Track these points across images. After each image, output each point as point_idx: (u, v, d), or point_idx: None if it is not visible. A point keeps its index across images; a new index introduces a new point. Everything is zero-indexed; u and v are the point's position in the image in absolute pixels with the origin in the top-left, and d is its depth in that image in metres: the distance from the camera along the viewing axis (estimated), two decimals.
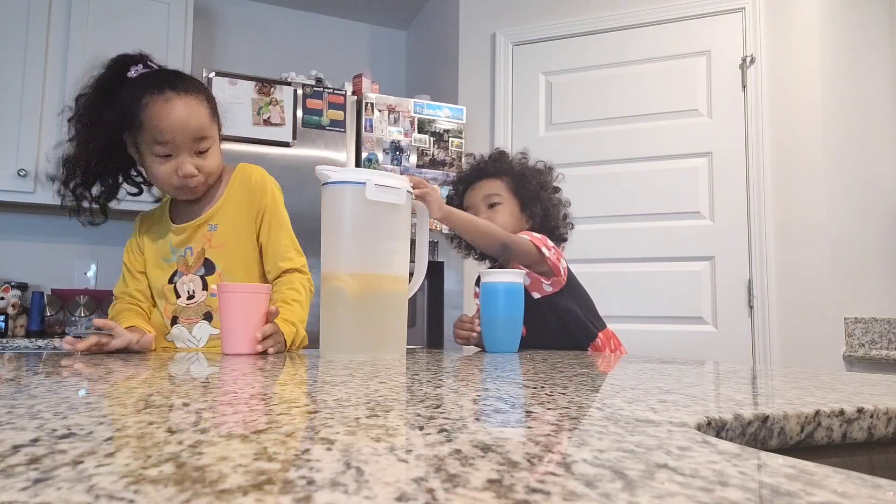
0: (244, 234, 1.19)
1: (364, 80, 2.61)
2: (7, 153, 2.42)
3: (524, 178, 1.44)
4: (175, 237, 1.18)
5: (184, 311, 1.17)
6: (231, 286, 1.02)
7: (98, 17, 2.57)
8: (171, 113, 1.06)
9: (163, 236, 1.20)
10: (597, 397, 0.52)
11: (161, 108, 1.06)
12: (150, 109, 1.05)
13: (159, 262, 1.20)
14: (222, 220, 1.18)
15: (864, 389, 0.61)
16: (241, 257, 1.19)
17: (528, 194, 1.43)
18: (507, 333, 1.19)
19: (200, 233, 1.18)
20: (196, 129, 1.08)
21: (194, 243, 1.18)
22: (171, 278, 1.18)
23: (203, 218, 1.18)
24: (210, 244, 1.18)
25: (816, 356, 2.27)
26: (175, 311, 1.17)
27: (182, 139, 1.07)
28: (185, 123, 1.07)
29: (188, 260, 1.18)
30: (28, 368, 0.71)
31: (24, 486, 0.23)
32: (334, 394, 0.51)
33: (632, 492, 0.24)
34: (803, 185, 2.34)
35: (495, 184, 1.45)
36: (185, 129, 1.07)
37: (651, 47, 2.58)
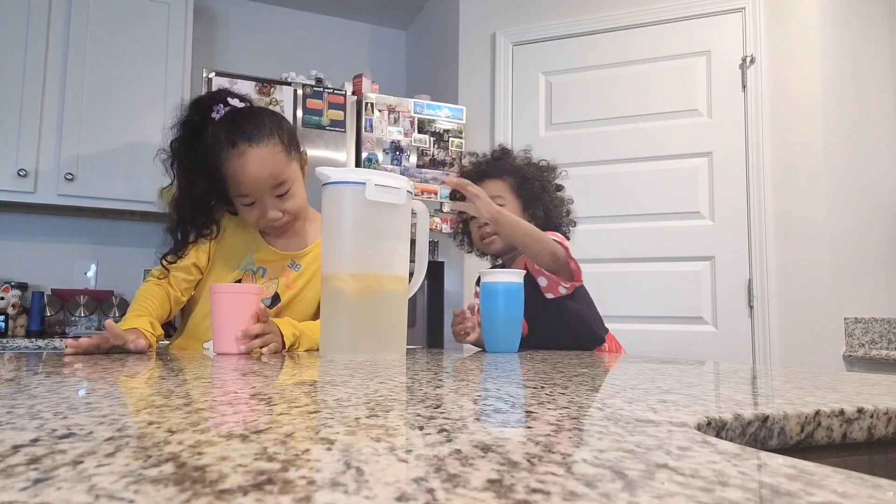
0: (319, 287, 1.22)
1: (364, 80, 2.61)
2: (7, 153, 2.42)
3: (526, 179, 1.43)
4: (259, 252, 1.22)
5: None
6: (222, 287, 1.04)
7: (98, 18, 2.57)
8: (246, 167, 1.10)
9: (247, 241, 1.22)
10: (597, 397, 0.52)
11: (237, 164, 1.10)
12: (229, 165, 1.11)
13: (229, 262, 1.21)
14: (307, 264, 1.24)
15: (864, 389, 0.61)
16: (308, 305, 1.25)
17: (530, 195, 1.42)
18: (508, 333, 1.19)
19: (281, 263, 1.23)
20: (272, 178, 1.12)
21: (271, 268, 1.22)
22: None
23: (291, 253, 1.24)
24: (287, 281, 1.23)
25: (816, 356, 2.27)
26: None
27: (260, 189, 1.12)
28: (259, 176, 1.11)
29: (257, 280, 1.21)
30: (28, 368, 0.71)
31: (24, 486, 0.23)
32: (334, 394, 0.51)
33: (632, 492, 0.24)
34: (803, 185, 2.34)
35: (497, 184, 1.44)
36: (260, 180, 1.11)
37: (651, 47, 2.58)
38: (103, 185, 2.53)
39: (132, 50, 2.61)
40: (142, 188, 2.55)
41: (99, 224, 2.81)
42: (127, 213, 2.72)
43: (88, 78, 2.54)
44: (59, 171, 2.47)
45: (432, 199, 2.56)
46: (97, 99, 2.55)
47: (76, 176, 2.48)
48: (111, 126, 2.57)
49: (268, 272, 1.22)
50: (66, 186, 2.47)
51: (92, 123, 2.53)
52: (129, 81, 2.61)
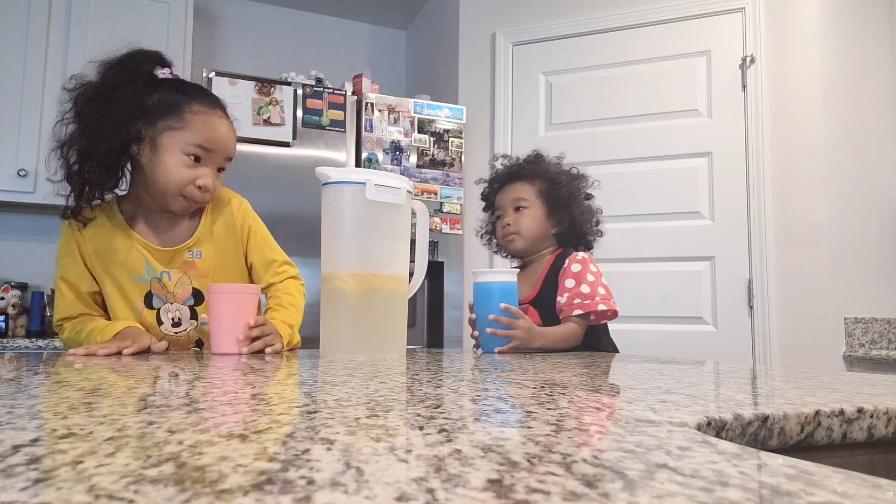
0: (232, 259, 1.19)
1: (364, 80, 2.61)
2: (7, 153, 2.42)
3: (555, 185, 1.42)
4: (151, 254, 1.12)
5: (174, 339, 1.14)
6: (221, 287, 1.03)
7: (98, 17, 2.57)
8: (220, 128, 1.11)
9: (126, 249, 1.11)
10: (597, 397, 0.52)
11: (212, 120, 1.10)
12: (202, 117, 1.08)
13: (126, 278, 1.11)
14: (207, 247, 1.16)
15: (864, 389, 0.61)
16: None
17: (556, 201, 1.41)
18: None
19: (180, 259, 1.14)
20: (231, 149, 1.13)
21: (172, 268, 1.13)
22: (147, 300, 1.12)
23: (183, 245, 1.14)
24: (197, 272, 1.14)
25: (816, 356, 2.27)
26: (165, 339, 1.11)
27: (218, 155, 1.11)
28: (227, 142, 1.12)
29: (167, 285, 1.13)
30: (28, 368, 0.71)
31: (24, 486, 0.23)
32: (334, 394, 0.51)
33: (632, 492, 0.24)
34: (803, 185, 2.34)
35: (525, 187, 1.43)
36: (227, 147, 1.12)
37: (651, 47, 2.58)
38: None
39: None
40: None
41: None
42: None
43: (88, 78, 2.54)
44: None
45: (432, 199, 2.56)
46: None
47: None
48: None
49: (173, 273, 1.13)
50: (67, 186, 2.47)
51: None
52: None
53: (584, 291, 1.30)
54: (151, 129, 1.06)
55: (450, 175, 2.60)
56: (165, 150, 1.06)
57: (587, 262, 1.35)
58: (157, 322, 1.13)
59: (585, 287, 1.30)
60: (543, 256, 1.43)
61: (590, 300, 1.29)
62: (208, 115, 1.09)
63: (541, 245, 1.43)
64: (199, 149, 1.08)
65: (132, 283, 1.12)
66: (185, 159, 1.07)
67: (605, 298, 1.30)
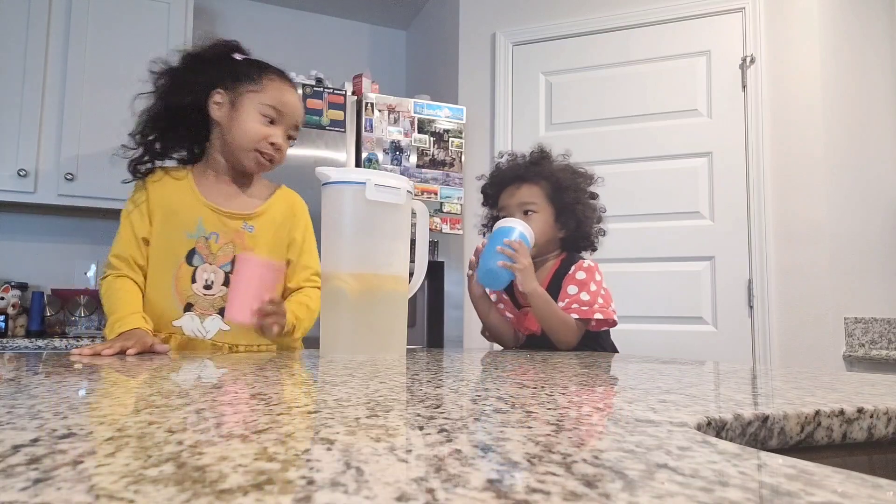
0: (276, 249, 1.24)
1: (364, 80, 2.61)
2: (7, 153, 2.42)
3: (562, 187, 1.39)
4: (208, 214, 1.19)
5: (201, 300, 1.17)
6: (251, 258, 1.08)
7: (98, 17, 2.57)
8: (291, 96, 1.23)
9: (190, 207, 1.19)
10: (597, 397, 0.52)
11: (285, 88, 1.22)
12: (277, 83, 1.21)
13: (178, 232, 1.18)
14: (260, 227, 1.22)
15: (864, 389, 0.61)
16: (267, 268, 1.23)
17: (564, 203, 1.39)
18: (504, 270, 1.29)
19: (233, 226, 1.20)
20: (300, 120, 1.25)
21: (222, 232, 1.19)
22: (189, 257, 1.17)
23: (242, 213, 1.22)
24: (243, 244, 1.20)
25: (816, 356, 2.27)
26: (191, 299, 1.17)
27: (290, 119, 1.21)
28: (297, 109, 1.23)
29: (212, 246, 1.18)
30: (28, 368, 0.71)
31: (24, 486, 0.23)
32: (334, 394, 0.51)
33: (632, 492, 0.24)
34: (803, 185, 2.34)
35: (532, 190, 1.40)
36: (296, 113, 1.22)
37: (651, 47, 2.58)
38: (103, 185, 2.52)
39: (132, 50, 2.61)
40: None
41: (99, 224, 2.81)
42: None
43: (88, 78, 2.54)
44: (59, 171, 2.47)
45: (432, 199, 2.56)
46: (97, 99, 2.55)
47: (76, 176, 2.48)
48: (111, 126, 2.56)
49: (220, 237, 1.19)
50: (66, 186, 2.47)
51: (92, 123, 2.53)
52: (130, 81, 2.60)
53: (583, 299, 1.31)
54: (232, 91, 1.19)
55: (450, 175, 2.60)
56: (243, 109, 1.18)
57: (593, 270, 1.35)
58: (192, 279, 1.17)
59: (585, 295, 1.31)
60: (547, 261, 1.42)
61: (587, 307, 1.30)
62: (282, 83, 1.22)
63: (547, 248, 1.41)
64: (273, 110, 1.18)
65: (181, 238, 1.18)
66: (260, 118, 1.18)
67: (603, 308, 1.31)
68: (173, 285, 1.17)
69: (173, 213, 1.18)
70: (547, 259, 1.42)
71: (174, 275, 1.17)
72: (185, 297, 1.16)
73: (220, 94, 1.19)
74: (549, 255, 1.43)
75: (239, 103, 1.18)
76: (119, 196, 2.53)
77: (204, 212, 1.19)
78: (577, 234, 1.41)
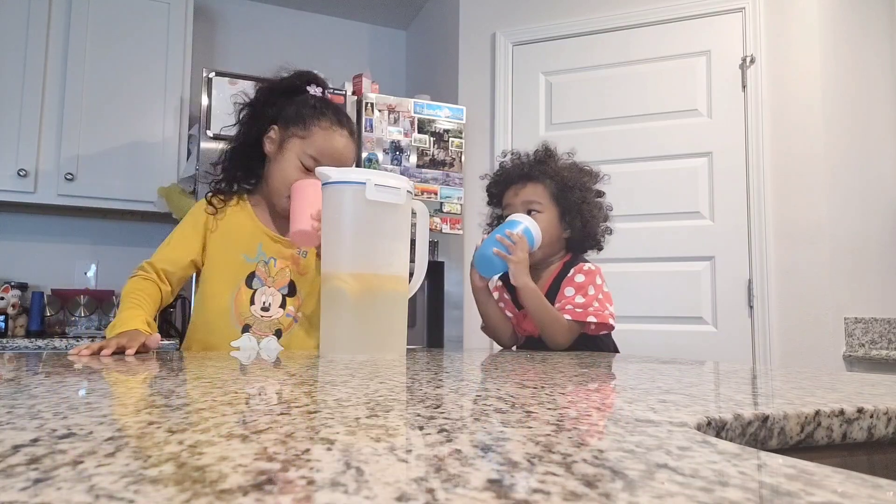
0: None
1: (364, 80, 2.61)
2: (7, 153, 2.42)
3: (567, 187, 1.37)
4: (267, 241, 1.23)
5: (258, 322, 1.20)
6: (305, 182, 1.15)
7: (98, 17, 2.57)
8: (338, 145, 1.22)
9: (250, 232, 1.24)
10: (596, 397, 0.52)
11: (334, 136, 1.22)
12: (326, 131, 1.21)
13: (238, 256, 1.22)
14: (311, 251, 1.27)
15: (864, 389, 0.61)
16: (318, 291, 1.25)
17: (569, 203, 1.37)
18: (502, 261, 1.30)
19: (289, 250, 1.25)
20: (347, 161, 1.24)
21: (279, 257, 1.24)
22: (248, 280, 1.21)
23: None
24: (298, 268, 1.25)
25: (816, 356, 2.27)
26: (249, 321, 1.20)
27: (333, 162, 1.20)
28: (341, 158, 1.22)
29: (271, 270, 1.23)
30: (28, 368, 0.71)
31: (24, 486, 0.23)
32: (334, 394, 0.51)
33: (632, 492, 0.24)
34: (803, 185, 2.34)
35: (537, 189, 1.38)
36: (339, 162, 1.21)
37: (651, 47, 2.58)
38: (103, 185, 2.53)
39: (132, 50, 2.61)
40: (142, 188, 2.55)
41: (99, 224, 2.81)
42: (127, 213, 2.72)
43: (88, 78, 2.54)
44: (59, 171, 2.47)
45: (432, 199, 2.56)
46: (97, 99, 2.55)
47: (76, 176, 2.48)
48: (111, 126, 2.57)
49: (278, 262, 1.24)
50: (66, 186, 2.47)
51: (92, 123, 2.53)
52: (129, 81, 2.61)
53: (578, 301, 1.30)
54: (284, 130, 1.22)
55: (450, 175, 2.60)
56: (287, 153, 1.21)
57: (593, 274, 1.34)
58: (250, 302, 1.21)
59: (581, 297, 1.30)
60: (551, 263, 1.41)
61: (581, 309, 1.29)
62: (331, 131, 1.22)
63: (552, 249, 1.39)
64: (312, 160, 1.19)
65: (241, 262, 1.22)
66: (299, 164, 1.20)
67: (599, 311, 1.29)
68: (232, 307, 1.20)
69: (233, 238, 1.23)
70: (551, 262, 1.41)
71: (233, 296, 1.20)
72: (243, 319, 1.20)
73: (274, 131, 1.23)
74: (553, 256, 1.41)
75: (285, 146, 1.22)
76: (119, 196, 2.56)
77: (263, 238, 1.24)
78: (582, 233, 1.39)
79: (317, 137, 1.21)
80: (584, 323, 1.30)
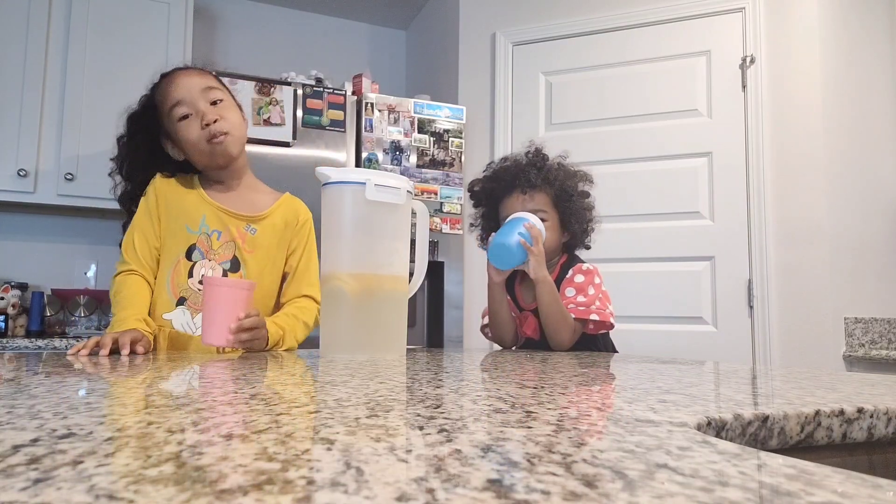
0: (276, 256, 1.25)
1: (364, 80, 2.61)
2: (7, 153, 2.42)
3: (566, 193, 1.37)
4: (212, 212, 1.20)
5: (194, 295, 1.17)
6: (218, 280, 1.06)
7: (98, 17, 2.57)
8: (175, 78, 1.20)
9: (193, 203, 1.21)
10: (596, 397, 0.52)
11: (167, 80, 1.21)
12: (159, 87, 1.20)
13: (181, 227, 1.20)
14: (262, 231, 1.23)
15: (864, 389, 0.61)
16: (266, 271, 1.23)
17: (569, 210, 1.37)
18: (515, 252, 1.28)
19: (235, 225, 1.21)
20: (201, 82, 1.20)
21: (224, 230, 1.20)
22: (188, 252, 1.19)
23: (246, 215, 1.22)
24: (244, 244, 1.21)
25: (816, 356, 2.27)
26: (185, 293, 1.17)
27: (191, 93, 1.18)
28: (190, 80, 1.19)
29: (213, 243, 1.20)
30: (28, 368, 0.71)
31: (24, 486, 0.23)
32: (334, 394, 0.51)
33: (632, 492, 0.24)
34: (803, 185, 2.34)
35: (541, 198, 1.37)
36: (191, 83, 1.19)
37: (651, 47, 2.58)
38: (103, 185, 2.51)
39: (132, 50, 2.61)
40: None
41: (99, 224, 2.81)
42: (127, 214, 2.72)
43: (88, 78, 2.54)
44: (59, 171, 2.47)
45: (432, 199, 2.56)
46: (97, 99, 2.55)
47: (76, 176, 2.48)
48: (111, 126, 2.55)
49: (222, 235, 1.20)
50: (66, 186, 2.47)
51: (92, 123, 2.53)
52: (130, 81, 2.60)
53: (580, 300, 1.31)
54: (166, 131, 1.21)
55: (450, 175, 2.60)
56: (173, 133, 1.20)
57: (592, 273, 1.35)
58: (188, 274, 1.18)
59: (582, 297, 1.32)
60: (551, 266, 1.40)
61: (584, 307, 1.30)
62: (162, 80, 1.21)
63: (554, 253, 1.40)
64: (175, 108, 1.17)
65: (183, 233, 1.19)
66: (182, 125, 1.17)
67: (600, 310, 1.30)
68: (169, 278, 1.18)
69: (178, 209, 1.20)
70: (550, 265, 1.41)
71: (172, 268, 1.18)
72: (179, 291, 1.17)
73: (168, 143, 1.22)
74: (552, 259, 1.41)
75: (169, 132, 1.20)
76: None
77: (208, 209, 1.20)
78: (579, 236, 1.41)
79: (161, 96, 1.19)
80: (585, 322, 1.31)
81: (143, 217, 1.21)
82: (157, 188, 1.22)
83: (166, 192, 1.22)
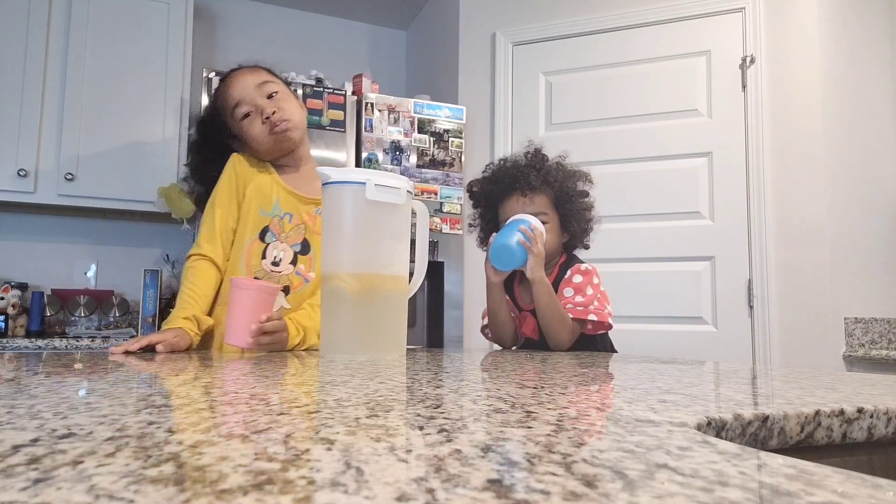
0: None
1: (364, 80, 2.61)
2: (7, 153, 2.42)
3: (566, 194, 1.37)
4: (285, 195, 1.25)
5: (267, 276, 1.20)
6: (243, 282, 1.07)
7: (98, 17, 2.57)
8: (231, 80, 1.27)
9: (267, 185, 1.25)
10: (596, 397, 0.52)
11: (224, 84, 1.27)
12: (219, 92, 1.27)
13: (255, 208, 1.23)
14: None
15: (864, 389, 0.61)
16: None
17: (569, 210, 1.37)
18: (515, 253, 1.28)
19: (305, 208, 1.26)
20: (255, 79, 1.25)
21: (295, 213, 1.25)
22: (262, 234, 1.22)
23: (313, 198, 1.25)
24: (314, 227, 1.25)
25: (816, 356, 2.27)
26: (258, 274, 1.20)
27: (248, 91, 1.23)
28: (244, 79, 1.26)
29: (285, 225, 1.23)
30: (28, 368, 0.71)
31: (24, 486, 0.23)
32: (334, 394, 0.51)
33: (632, 492, 0.24)
34: (803, 185, 2.34)
35: (541, 200, 1.37)
36: (245, 82, 1.25)
37: (651, 47, 2.58)
38: (103, 185, 2.52)
39: (132, 50, 2.61)
40: (142, 188, 2.55)
41: (99, 224, 2.81)
42: (127, 213, 2.72)
43: (88, 78, 2.54)
44: (59, 171, 2.47)
45: (432, 199, 2.56)
46: (97, 99, 2.55)
47: (76, 176, 2.48)
48: (111, 126, 2.57)
49: (294, 218, 1.24)
50: (66, 186, 2.47)
51: (92, 123, 2.53)
52: (129, 81, 2.61)
53: (578, 300, 1.31)
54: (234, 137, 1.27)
55: (450, 175, 2.60)
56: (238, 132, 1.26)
57: (591, 273, 1.34)
58: (262, 255, 1.21)
59: (581, 297, 1.31)
60: (550, 267, 1.40)
61: (582, 307, 1.30)
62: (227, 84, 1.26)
63: (553, 255, 1.39)
64: (235, 109, 1.23)
65: (257, 215, 1.23)
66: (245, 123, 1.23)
67: (599, 310, 1.30)
68: (243, 258, 1.20)
69: (254, 189, 1.24)
70: (550, 265, 1.41)
71: (246, 248, 1.21)
72: (252, 271, 1.20)
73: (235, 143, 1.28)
74: (552, 260, 1.41)
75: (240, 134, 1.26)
76: (119, 196, 2.56)
77: (281, 192, 1.25)
78: (578, 236, 1.42)
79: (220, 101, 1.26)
80: (583, 322, 1.31)
81: (224, 195, 1.24)
82: (236, 168, 1.26)
83: (245, 172, 1.26)
